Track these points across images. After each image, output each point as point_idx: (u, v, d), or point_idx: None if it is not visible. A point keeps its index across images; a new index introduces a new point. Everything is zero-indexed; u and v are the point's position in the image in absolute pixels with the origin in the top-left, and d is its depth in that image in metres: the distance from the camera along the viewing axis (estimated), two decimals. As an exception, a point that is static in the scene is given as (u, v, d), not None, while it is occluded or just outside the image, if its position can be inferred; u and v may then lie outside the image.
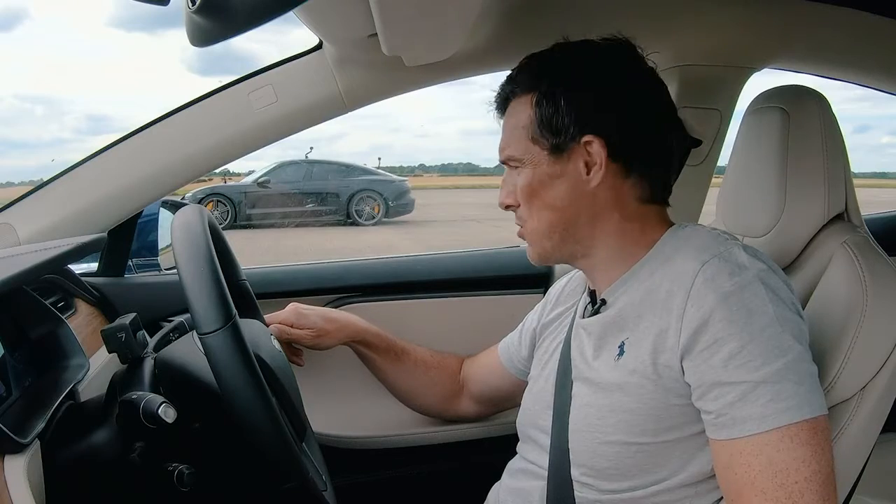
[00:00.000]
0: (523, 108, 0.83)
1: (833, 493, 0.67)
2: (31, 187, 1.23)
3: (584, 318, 0.88)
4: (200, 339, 0.67)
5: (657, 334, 0.74)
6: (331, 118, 1.28)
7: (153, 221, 1.52)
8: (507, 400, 1.12)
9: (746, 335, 0.68)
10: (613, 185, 0.81)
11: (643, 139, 0.80)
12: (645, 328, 0.76)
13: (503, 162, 0.87)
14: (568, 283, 1.01)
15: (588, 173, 0.80)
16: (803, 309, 0.84)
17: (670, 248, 0.79)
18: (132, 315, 0.85)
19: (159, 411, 0.72)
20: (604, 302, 0.83)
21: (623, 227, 0.82)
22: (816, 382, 0.70)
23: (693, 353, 0.71)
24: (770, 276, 0.72)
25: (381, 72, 1.21)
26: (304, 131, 1.28)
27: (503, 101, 0.87)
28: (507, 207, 0.87)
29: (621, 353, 0.78)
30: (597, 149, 0.79)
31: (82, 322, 1.15)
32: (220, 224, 0.99)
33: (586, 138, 0.79)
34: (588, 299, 0.89)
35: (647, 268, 0.79)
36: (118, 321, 0.84)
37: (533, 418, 0.92)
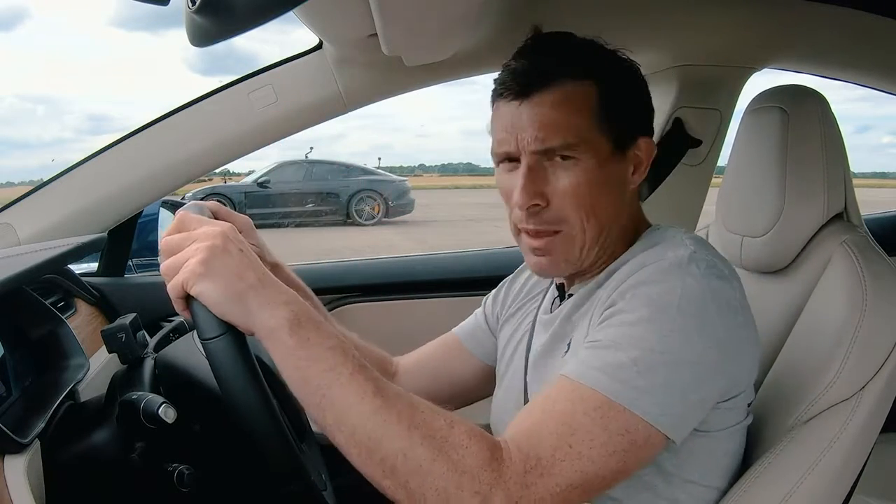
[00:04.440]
0: (582, 93, 0.74)
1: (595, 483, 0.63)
2: (31, 187, 1.23)
3: (549, 313, 0.85)
4: (202, 343, 0.67)
5: (589, 324, 0.74)
6: (331, 118, 1.28)
7: (153, 221, 1.52)
8: (471, 392, 1.03)
9: (643, 315, 0.66)
10: (637, 186, 0.80)
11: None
12: (586, 322, 0.75)
13: (541, 152, 0.74)
14: (531, 276, 0.98)
15: (633, 174, 0.79)
16: (802, 309, 0.85)
17: (640, 247, 0.78)
18: (132, 315, 0.85)
19: (159, 411, 0.71)
20: (570, 296, 0.82)
21: (626, 229, 0.81)
22: (672, 398, 0.65)
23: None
24: (709, 295, 0.68)
25: (381, 72, 1.22)
26: (304, 131, 1.29)
27: (539, 82, 0.74)
28: (529, 208, 0.75)
29: (568, 349, 0.78)
30: (646, 149, 0.78)
31: (82, 322, 1.15)
32: (220, 224, 0.98)
33: (641, 139, 0.78)
34: (556, 293, 0.86)
35: (615, 266, 0.77)
36: (118, 321, 0.83)
37: (504, 417, 0.89)
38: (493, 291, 1.03)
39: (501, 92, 0.77)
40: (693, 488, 0.75)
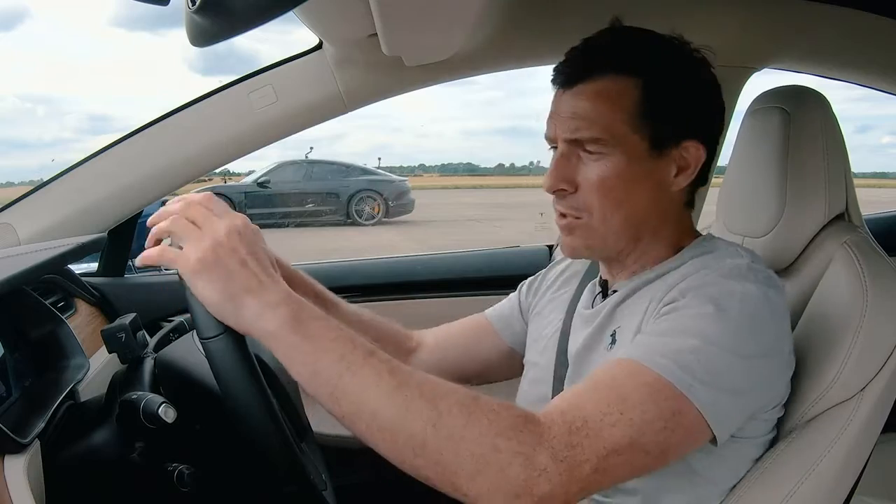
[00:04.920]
0: (622, 89, 0.75)
1: (635, 459, 0.62)
2: (31, 187, 1.23)
3: (591, 307, 0.86)
4: (202, 342, 0.67)
5: (641, 320, 0.75)
6: (331, 118, 1.28)
7: (153, 221, 1.52)
8: (492, 373, 1.03)
9: (706, 311, 0.67)
10: (683, 190, 0.80)
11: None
12: (636, 317, 0.76)
13: (571, 141, 0.76)
14: (568, 267, 0.99)
15: (675, 176, 0.78)
16: (804, 310, 0.85)
17: (691, 254, 0.79)
18: (132, 315, 0.85)
19: (159, 411, 0.71)
20: (615, 292, 0.83)
21: (670, 231, 0.81)
22: (723, 394, 0.65)
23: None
24: (766, 304, 0.70)
25: (381, 72, 1.22)
26: (304, 131, 1.29)
27: (582, 73, 0.76)
28: (555, 192, 0.78)
29: (613, 342, 0.78)
30: (695, 154, 0.77)
31: (82, 322, 1.15)
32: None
33: (688, 142, 0.77)
34: (598, 289, 0.87)
35: (664, 268, 0.79)
36: (118, 321, 0.83)
37: (528, 408, 0.91)
38: (529, 280, 1.04)
39: (553, 78, 0.79)
40: (715, 489, 0.76)
